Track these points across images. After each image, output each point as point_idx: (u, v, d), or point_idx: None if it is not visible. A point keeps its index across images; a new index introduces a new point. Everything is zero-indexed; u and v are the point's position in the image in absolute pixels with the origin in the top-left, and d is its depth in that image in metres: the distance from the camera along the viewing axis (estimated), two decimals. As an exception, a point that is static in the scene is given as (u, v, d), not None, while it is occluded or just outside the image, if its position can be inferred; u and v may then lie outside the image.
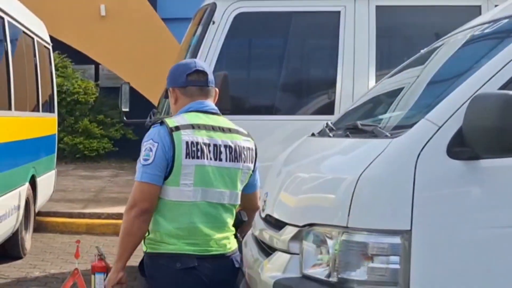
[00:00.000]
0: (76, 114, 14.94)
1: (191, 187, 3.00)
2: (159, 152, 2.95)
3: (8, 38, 6.27)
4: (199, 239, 3.05)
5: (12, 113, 6.29)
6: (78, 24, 13.80)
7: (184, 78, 3.15)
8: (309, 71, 6.13)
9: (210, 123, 3.11)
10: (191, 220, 3.02)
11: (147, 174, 2.96)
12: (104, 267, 4.91)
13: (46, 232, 8.41)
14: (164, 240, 3.03)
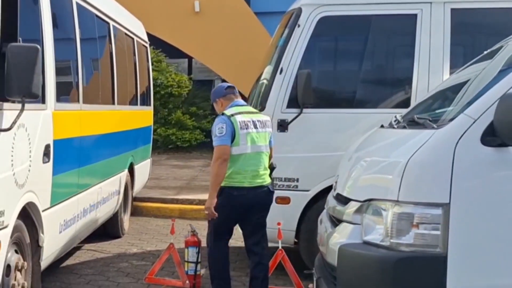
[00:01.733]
0: (170, 107, 15.94)
1: (246, 145, 5.26)
2: (227, 128, 5.20)
3: (112, 40, 7.34)
4: (250, 175, 5.29)
5: (114, 107, 7.34)
6: (172, 20, 14.82)
7: (224, 91, 5.53)
8: (387, 69, 6.85)
9: (245, 110, 5.44)
10: (246, 164, 5.26)
11: (223, 140, 5.18)
12: (196, 242, 5.97)
13: (142, 216, 9.48)
14: (232, 177, 5.26)
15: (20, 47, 4.12)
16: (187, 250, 6.02)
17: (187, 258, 6.01)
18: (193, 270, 5.95)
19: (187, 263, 6.00)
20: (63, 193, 5.49)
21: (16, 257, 4.58)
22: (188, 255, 6.00)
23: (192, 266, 5.95)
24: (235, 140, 5.21)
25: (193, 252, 6.00)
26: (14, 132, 4.30)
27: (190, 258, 5.99)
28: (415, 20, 6.27)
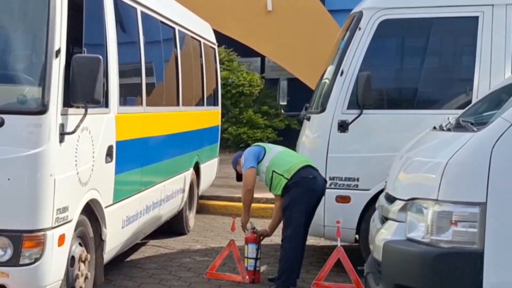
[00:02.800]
0: (241, 106, 16.30)
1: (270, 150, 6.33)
2: (248, 155, 6.31)
3: (177, 45, 7.79)
4: None
5: (179, 108, 7.78)
6: (244, 19, 15.18)
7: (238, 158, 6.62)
8: (448, 70, 7.03)
9: None
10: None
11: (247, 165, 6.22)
12: (256, 239, 6.36)
13: (208, 214, 9.94)
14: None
15: (84, 57, 4.58)
16: (247, 247, 6.41)
17: (247, 254, 6.40)
18: (253, 266, 6.34)
19: (247, 259, 6.39)
20: (126, 191, 5.95)
21: (80, 249, 5.05)
22: (248, 252, 6.39)
23: (251, 262, 6.35)
24: (266, 150, 6.30)
25: (253, 249, 6.40)
26: (78, 135, 4.76)
27: (250, 254, 6.39)
28: (476, 22, 6.45)
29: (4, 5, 4.75)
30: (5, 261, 4.34)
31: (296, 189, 5.99)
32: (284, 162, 6.13)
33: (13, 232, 4.33)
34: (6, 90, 4.64)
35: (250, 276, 6.35)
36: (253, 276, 6.36)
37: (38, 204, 4.37)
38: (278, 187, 6.13)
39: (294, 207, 5.98)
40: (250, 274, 6.36)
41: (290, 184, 6.02)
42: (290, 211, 6.01)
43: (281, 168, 6.08)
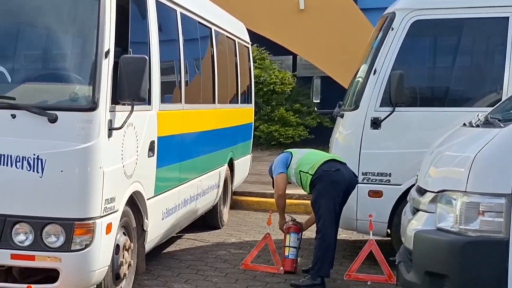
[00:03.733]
0: (272, 104, 16.62)
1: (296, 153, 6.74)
2: (278, 163, 6.80)
3: (214, 44, 8.18)
4: None
5: (215, 106, 8.16)
6: (277, 18, 15.44)
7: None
8: (478, 70, 7.33)
9: None
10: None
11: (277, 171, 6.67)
12: (298, 229, 6.74)
13: (241, 209, 10.32)
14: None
15: (131, 58, 4.99)
16: (289, 236, 6.81)
17: (289, 243, 6.80)
18: (294, 255, 6.77)
19: (288, 248, 6.80)
20: (166, 184, 6.35)
21: (124, 238, 5.46)
22: (290, 241, 6.78)
23: (293, 251, 6.78)
24: (292, 155, 6.71)
25: (295, 238, 6.81)
26: (124, 130, 5.15)
27: (292, 243, 6.79)
28: (506, 22, 6.71)
29: (57, 10, 5.17)
30: (58, 247, 4.74)
31: (320, 183, 6.35)
32: (309, 160, 6.50)
33: (65, 220, 4.73)
34: (59, 88, 5.05)
35: (291, 264, 6.75)
36: (295, 264, 6.77)
37: (89, 195, 4.77)
38: (306, 185, 6.50)
39: (321, 200, 6.34)
40: (291, 263, 6.75)
41: (315, 179, 6.38)
42: (319, 204, 6.36)
43: (306, 167, 6.46)
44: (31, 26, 5.35)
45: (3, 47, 5.28)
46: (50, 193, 4.74)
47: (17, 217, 4.76)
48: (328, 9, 15.31)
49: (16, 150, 4.75)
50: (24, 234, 4.77)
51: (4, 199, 4.79)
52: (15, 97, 4.88)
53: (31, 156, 4.73)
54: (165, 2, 6.36)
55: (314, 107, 9.36)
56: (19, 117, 4.76)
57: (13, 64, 5.29)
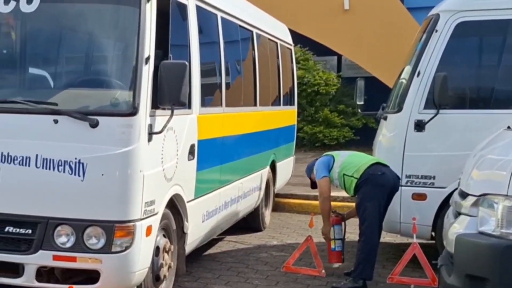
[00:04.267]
0: (316, 105, 16.54)
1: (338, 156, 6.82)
2: (319, 166, 6.83)
3: (255, 47, 8.28)
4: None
5: (256, 108, 8.27)
6: (321, 18, 15.47)
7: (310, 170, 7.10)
8: (524, 72, 7.27)
9: None
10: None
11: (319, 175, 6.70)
12: (340, 220, 6.83)
13: (283, 212, 10.40)
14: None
15: (171, 64, 5.13)
16: (333, 228, 6.88)
17: (334, 236, 6.89)
18: (340, 247, 6.87)
19: (334, 241, 6.89)
20: (206, 187, 6.47)
21: (164, 240, 5.59)
22: (334, 233, 6.86)
23: (339, 243, 6.87)
24: (334, 158, 6.75)
25: (339, 230, 6.90)
26: (164, 134, 5.28)
27: (337, 235, 6.84)
28: None
29: (98, 17, 5.34)
30: (99, 249, 4.90)
31: (366, 186, 6.41)
32: (353, 164, 6.55)
33: (106, 222, 4.88)
34: (100, 94, 5.22)
35: (338, 256, 6.87)
36: (342, 256, 6.88)
37: (129, 198, 4.92)
38: (350, 188, 6.57)
39: (367, 203, 6.41)
40: (339, 255, 6.86)
41: (360, 182, 6.45)
42: (364, 207, 6.43)
43: (351, 170, 6.51)
44: (73, 32, 5.53)
45: (47, 53, 5.50)
46: (91, 196, 4.90)
47: (59, 219, 4.94)
48: (374, 9, 15.29)
49: (58, 154, 4.92)
50: (66, 236, 4.94)
51: (47, 202, 4.96)
52: (57, 103, 5.05)
53: (72, 160, 4.89)
54: (206, 7, 6.49)
55: (358, 108, 9.41)
56: (61, 122, 4.93)
57: (55, 70, 5.50)
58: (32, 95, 5.25)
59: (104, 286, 4.94)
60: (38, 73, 5.53)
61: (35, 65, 5.54)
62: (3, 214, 5.03)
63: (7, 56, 5.63)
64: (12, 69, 5.54)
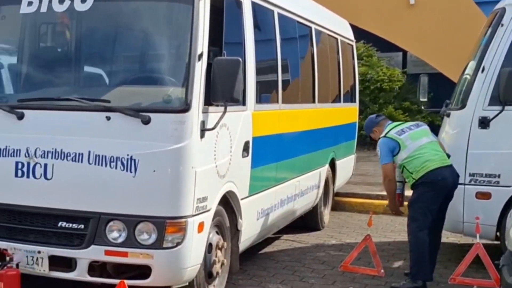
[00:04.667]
0: (380, 102, 16.35)
1: (412, 143, 6.36)
2: (383, 148, 6.42)
3: (314, 43, 8.22)
4: (437, 159, 6.34)
5: (315, 105, 8.20)
6: (385, 14, 15.33)
7: (375, 121, 6.91)
8: None
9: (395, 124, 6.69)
10: (427, 154, 6.36)
11: (383, 160, 6.40)
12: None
13: (343, 211, 10.33)
14: (423, 169, 6.28)
15: (224, 60, 5.13)
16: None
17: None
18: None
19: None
20: (261, 184, 6.46)
21: (217, 237, 5.61)
22: (396, 175, 6.70)
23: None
24: (400, 147, 6.37)
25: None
26: (217, 131, 5.30)
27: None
28: None
29: (151, 15, 5.40)
30: (150, 244, 4.95)
31: (422, 188, 6.31)
32: (417, 161, 6.33)
33: (157, 218, 4.93)
34: (152, 91, 5.27)
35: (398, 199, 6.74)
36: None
37: (181, 194, 4.96)
38: (408, 180, 6.51)
39: (417, 205, 6.32)
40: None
41: (418, 183, 6.33)
42: (414, 208, 6.34)
43: (412, 167, 6.34)
44: (126, 30, 5.61)
45: (100, 51, 5.60)
46: (142, 192, 4.95)
47: (111, 215, 5.01)
48: (440, 3, 15.08)
49: (111, 150, 5.00)
50: (118, 231, 5.01)
51: (99, 198, 5.04)
52: (110, 100, 5.13)
53: (125, 156, 4.96)
54: (262, 3, 6.48)
55: (421, 105, 9.26)
56: (113, 119, 5.00)
57: (108, 68, 5.58)
58: (85, 93, 5.34)
59: (155, 282, 4.99)
60: (91, 71, 5.63)
61: (89, 63, 5.64)
62: (57, 209, 5.14)
63: (61, 55, 5.76)
64: (66, 67, 5.65)
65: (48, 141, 5.14)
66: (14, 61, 5.91)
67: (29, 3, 5.42)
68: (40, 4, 5.38)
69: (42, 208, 5.17)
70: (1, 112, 5.32)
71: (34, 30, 5.82)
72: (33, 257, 5.19)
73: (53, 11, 5.37)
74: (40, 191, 5.16)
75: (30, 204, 5.20)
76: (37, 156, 5.15)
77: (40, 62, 5.78)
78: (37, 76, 5.67)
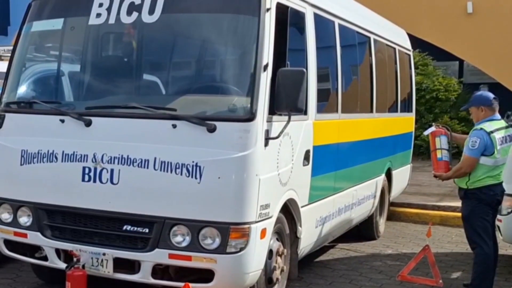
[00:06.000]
0: (436, 111, 16.29)
1: (500, 158, 6.34)
2: (481, 143, 6.22)
3: (372, 53, 8.35)
4: (498, 178, 6.42)
5: (373, 115, 8.32)
6: (442, 22, 15.29)
7: (491, 101, 6.41)
8: None
9: (501, 126, 6.42)
10: (499, 172, 6.38)
11: (474, 153, 6.24)
12: (446, 131, 6.82)
13: (399, 221, 10.37)
14: (486, 181, 6.32)
15: (289, 71, 5.31)
16: (439, 138, 6.77)
17: (440, 146, 6.75)
18: (447, 157, 6.73)
19: (440, 150, 6.74)
20: (320, 193, 6.60)
21: (277, 244, 5.77)
22: (441, 143, 6.74)
23: (446, 153, 6.73)
24: (493, 154, 6.29)
25: (445, 140, 6.75)
26: (280, 140, 5.46)
27: (443, 145, 6.73)
28: None
29: (218, 26, 5.61)
30: (214, 249, 5.13)
31: (473, 201, 6.37)
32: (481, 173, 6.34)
33: (221, 224, 5.11)
34: (217, 100, 5.47)
35: (445, 166, 6.68)
36: (450, 166, 6.65)
37: (245, 200, 5.13)
38: (461, 182, 6.49)
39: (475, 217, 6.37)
40: (445, 164, 6.69)
41: (469, 193, 6.40)
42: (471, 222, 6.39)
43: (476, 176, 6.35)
44: (193, 41, 5.84)
45: (167, 61, 5.84)
46: (207, 198, 5.13)
47: (175, 219, 5.21)
48: (499, 12, 14.97)
49: (176, 157, 5.19)
50: (182, 235, 5.20)
51: (164, 203, 5.24)
52: (176, 108, 5.32)
53: (190, 163, 5.15)
54: (324, 15, 6.63)
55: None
56: (179, 127, 5.19)
57: (175, 77, 5.82)
58: (151, 101, 5.56)
59: (218, 286, 5.17)
60: (157, 80, 5.84)
61: (155, 73, 5.88)
62: (122, 213, 5.36)
63: (129, 64, 5.99)
64: (133, 77, 5.89)
65: (114, 147, 5.37)
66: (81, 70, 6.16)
67: (98, 15, 5.66)
68: (108, 15, 5.62)
69: (108, 212, 5.40)
70: (70, 118, 5.57)
71: (101, 40, 6.06)
72: (98, 258, 5.43)
73: (121, 22, 5.60)
74: (106, 195, 5.39)
75: (96, 207, 5.44)
76: (104, 161, 5.38)
77: (106, 72, 6.02)
78: (103, 85, 5.93)
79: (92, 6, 5.67)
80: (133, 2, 5.55)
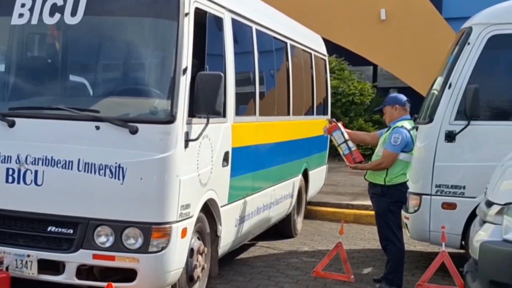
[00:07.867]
0: (351, 115, 16.78)
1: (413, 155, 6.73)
2: (402, 140, 6.56)
3: (289, 58, 8.57)
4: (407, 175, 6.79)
5: (290, 118, 8.54)
6: (357, 29, 15.57)
7: (404, 102, 6.86)
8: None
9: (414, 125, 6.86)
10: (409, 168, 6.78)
11: (396, 149, 6.58)
12: (335, 126, 7.08)
13: (315, 219, 10.65)
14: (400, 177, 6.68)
15: (207, 75, 5.42)
16: (333, 136, 7.04)
17: (337, 143, 7.01)
18: (347, 148, 6.94)
19: (339, 147, 7.02)
20: (239, 193, 6.76)
21: (198, 243, 5.89)
22: (336, 140, 7.00)
23: (344, 146, 6.96)
24: (412, 151, 6.71)
25: (338, 135, 7.00)
26: (200, 142, 5.58)
27: (339, 141, 6.98)
28: None
29: (138, 30, 5.69)
30: (136, 249, 5.19)
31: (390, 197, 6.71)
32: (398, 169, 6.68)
33: (143, 224, 5.18)
34: (139, 102, 5.53)
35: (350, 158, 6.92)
36: (353, 156, 6.90)
37: (166, 201, 5.22)
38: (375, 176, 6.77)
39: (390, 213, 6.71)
40: (349, 157, 6.91)
41: (386, 189, 6.71)
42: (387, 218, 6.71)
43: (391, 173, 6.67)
44: (115, 44, 5.89)
45: (89, 63, 5.87)
46: (129, 199, 5.20)
47: (99, 220, 5.25)
48: (411, 19, 15.34)
49: (100, 158, 5.24)
50: (105, 236, 5.24)
51: (88, 204, 5.28)
52: (99, 110, 5.37)
53: (113, 164, 5.20)
54: (241, 20, 6.80)
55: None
56: (102, 129, 5.24)
57: (97, 79, 5.85)
58: (75, 103, 5.57)
59: (140, 285, 5.23)
60: (80, 82, 5.87)
61: (78, 74, 5.90)
62: (46, 214, 5.35)
63: (51, 65, 5.98)
64: (56, 78, 5.89)
65: (38, 149, 5.36)
66: (5, 70, 6.09)
67: (20, 15, 5.63)
68: (31, 16, 5.59)
69: (32, 213, 5.38)
70: None
71: (23, 41, 6.03)
72: (22, 260, 5.39)
73: (44, 23, 5.59)
74: (30, 196, 5.38)
75: (20, 209, 5.41)
76: (28, 163, 5.36)
77: (30, 72, 5.99)
78: (27, 86, 5.90)
79: (14, 6, 5.63)
80: (56, 3, 5.53)
